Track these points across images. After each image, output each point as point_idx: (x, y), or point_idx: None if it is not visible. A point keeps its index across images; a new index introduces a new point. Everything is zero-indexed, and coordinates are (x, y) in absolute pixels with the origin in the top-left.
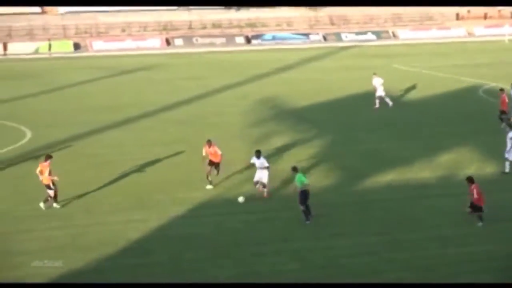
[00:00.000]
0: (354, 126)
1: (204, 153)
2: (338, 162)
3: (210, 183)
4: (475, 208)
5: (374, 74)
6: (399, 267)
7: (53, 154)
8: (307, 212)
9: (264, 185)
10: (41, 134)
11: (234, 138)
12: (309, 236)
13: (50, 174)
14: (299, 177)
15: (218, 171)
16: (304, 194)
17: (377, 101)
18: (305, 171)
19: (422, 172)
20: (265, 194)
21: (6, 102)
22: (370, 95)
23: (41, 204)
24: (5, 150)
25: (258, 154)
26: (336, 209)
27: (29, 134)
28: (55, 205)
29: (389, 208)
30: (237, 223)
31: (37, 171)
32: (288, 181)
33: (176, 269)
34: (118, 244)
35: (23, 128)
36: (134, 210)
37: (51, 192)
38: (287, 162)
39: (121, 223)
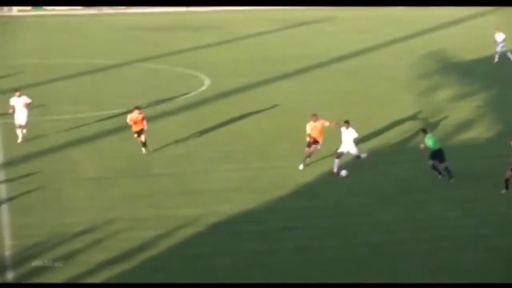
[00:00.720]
0: None
1: (309, 130)
2: (502, 116)
3: (304, 162)
4: None
5: (497, 29)
6: None
7: (230, 101)
8: (437, 168)
9: (358, 157)
10: (219, 82)
11: (401, 90)
12: (471, 186)
13: (142, 121)
14: (429, 137)
15: (316, 151)
16: (438, 153)
17: (497, 56)
18: (469, 123)
19: None
20: (336, 171)
21: (186, 52)
22: None
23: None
24: (185, 96)
25: (347, 124)
26: (498, 160)
27: (207, 82)
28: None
29: None
30: (402, 172)
31: (132, 121)
32: (450, 133)
33: (342, 212)
34: (288, 187)
35: (202, 76)
36: (302, 156)
37: (143, 137)
38: (452, 114)
39: (291, 168)
